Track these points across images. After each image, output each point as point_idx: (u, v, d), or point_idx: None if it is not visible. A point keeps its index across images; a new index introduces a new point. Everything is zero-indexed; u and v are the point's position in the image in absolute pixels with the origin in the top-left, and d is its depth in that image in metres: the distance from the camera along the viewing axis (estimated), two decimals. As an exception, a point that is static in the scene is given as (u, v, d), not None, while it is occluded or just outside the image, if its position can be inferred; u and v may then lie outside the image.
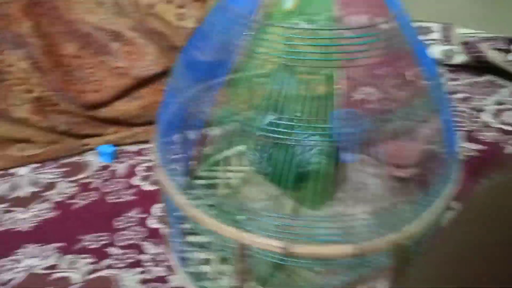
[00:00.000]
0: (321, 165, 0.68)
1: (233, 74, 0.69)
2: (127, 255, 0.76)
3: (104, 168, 0.97)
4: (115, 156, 0.99)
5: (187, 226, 0.69)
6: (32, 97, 0.96)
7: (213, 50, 0.68)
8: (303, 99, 0.65)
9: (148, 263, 0.75)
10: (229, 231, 0.52)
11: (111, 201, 0.89)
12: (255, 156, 0.69)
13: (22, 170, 0.97)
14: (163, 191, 0.65)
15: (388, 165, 0.78)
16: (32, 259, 0.77)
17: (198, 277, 0.66)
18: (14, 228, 0.83)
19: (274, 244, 0.50)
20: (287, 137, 0.61)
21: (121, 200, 0.89)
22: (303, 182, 0.69)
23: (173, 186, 0.61)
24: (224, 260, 0.66)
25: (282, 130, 0.62)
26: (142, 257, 0.76)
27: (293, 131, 0.62)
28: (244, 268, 0.54)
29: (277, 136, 0.61)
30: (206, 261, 0.67)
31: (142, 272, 0.73)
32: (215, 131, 0.76)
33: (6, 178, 0.95)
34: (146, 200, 0.88)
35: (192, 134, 0.72)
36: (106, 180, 0.94)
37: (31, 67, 0.95)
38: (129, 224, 0.83)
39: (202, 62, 0.69)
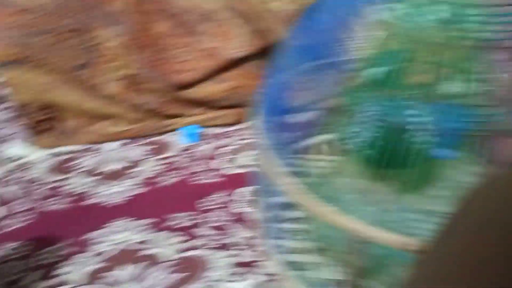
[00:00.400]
0: (425, 155, 0.65)
1: (338, 57, 0.66)
2: (216, 237, 0.76)
3: (189, 148, 0.97)
4: (200, 138, 0.99)
5: (283, 212, 0.67)
6: (122, 75, 0.97)
7: (321, 33, 0.66)
8: (407, 84, 0.62)
9: (238, 247, 0.74)
10: (347, 223, 0.49)
11: (196, 182, 0.88)
12: (359, 139, 0.66)
13: (109, 146, 0.99)
14: (262, 175, 0.63)
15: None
16: (122, 233, 0.78)
17: (293, 265, 0.64)
18: (103, 202, 0.85)
19: (396, 239, 0.47)
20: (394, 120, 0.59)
21: (206, 181, 0.88)
22: (405, 169, 0.66)
23: (277, 170, 0.59)
24: (322, 251, 0.64)
25: (388, 113, 0.60)
26: (232, 240, 0.75)
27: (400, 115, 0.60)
28: (356, 261, 0.52)
29: (383, 119, 0.59)
30: (302, 250, 0.65)
31: (233, 255, 0.72)
32: (313, 116, 0.73)
33: (94, 152, 0.97)
34: (231, 183, 0.87)
35: (291, 118, 0.70)
36: (191, 160, 0.93)
37: (123, 45, 0.96)
38: (216, 206, 0.82)
39: (308, 46, 0.67)
